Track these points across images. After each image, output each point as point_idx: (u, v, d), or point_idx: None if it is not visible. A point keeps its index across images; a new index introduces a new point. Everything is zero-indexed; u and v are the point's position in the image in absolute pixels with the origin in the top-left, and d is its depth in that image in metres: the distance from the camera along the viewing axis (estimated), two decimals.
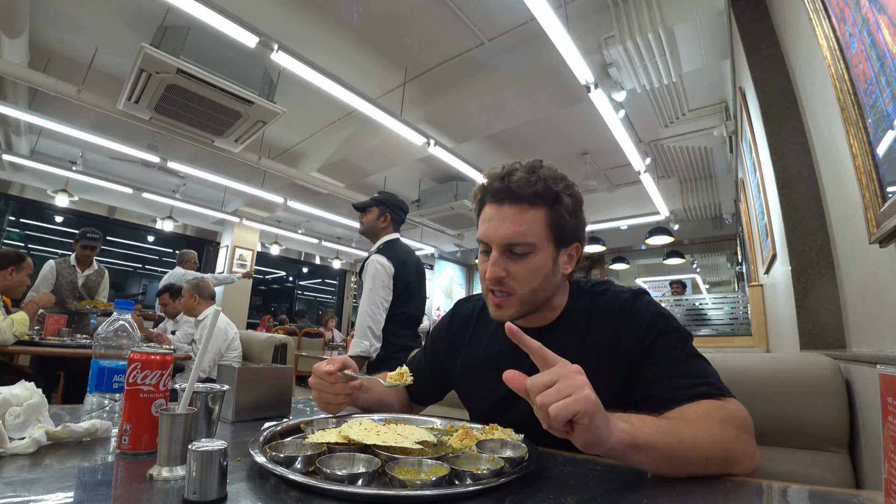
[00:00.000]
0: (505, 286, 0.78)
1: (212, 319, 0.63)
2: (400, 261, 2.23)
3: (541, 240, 0.77)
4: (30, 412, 0.64)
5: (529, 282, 0.77)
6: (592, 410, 0.49)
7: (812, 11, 1.16)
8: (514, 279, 0.77)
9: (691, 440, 0.57)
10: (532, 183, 0.76)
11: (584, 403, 0.49)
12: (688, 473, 0.58)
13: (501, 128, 4.17)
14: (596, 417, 0.49)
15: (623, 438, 0.52)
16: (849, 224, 1.16)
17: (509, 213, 0.77)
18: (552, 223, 0.77)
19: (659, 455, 0.55)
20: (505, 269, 0.77)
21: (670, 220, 5.92)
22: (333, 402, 0.81)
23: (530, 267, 0.77)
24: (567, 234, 0.79)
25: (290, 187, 5.70)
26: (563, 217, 0.77)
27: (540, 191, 0.76)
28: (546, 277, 0.78)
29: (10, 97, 3.81)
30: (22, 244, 6.12)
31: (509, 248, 0.77)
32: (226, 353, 2.90)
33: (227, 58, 3.06)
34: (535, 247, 0.77)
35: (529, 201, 0.76)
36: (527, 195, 0.76)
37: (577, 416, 0.49)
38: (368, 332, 2.10)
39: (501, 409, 0.86)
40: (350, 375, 0.81)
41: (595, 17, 3.00)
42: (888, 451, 0.33)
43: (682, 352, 0.73)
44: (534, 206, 0.76)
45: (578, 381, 0.51)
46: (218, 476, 0.44)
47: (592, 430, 0.50)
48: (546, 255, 0.78)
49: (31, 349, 2.52)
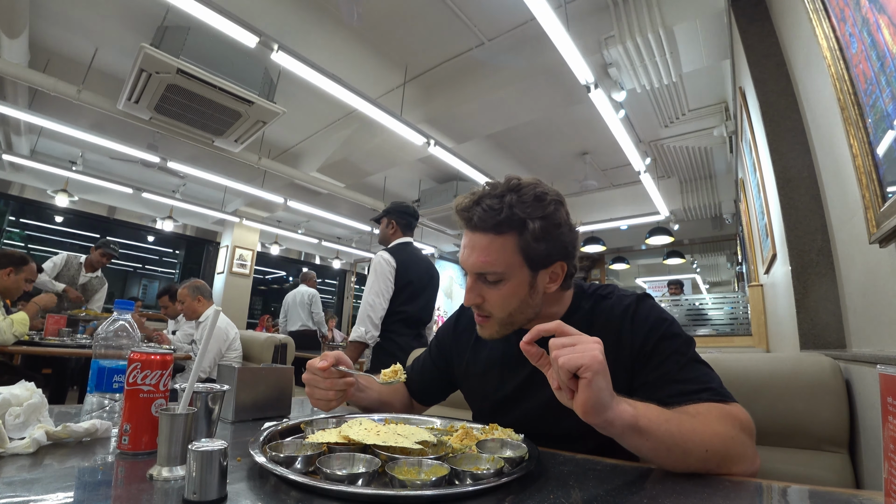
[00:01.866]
0: (482, 310, 0.79)
1: (212, 319, 0.62)
2: (404, 260, 2.31)
3: (511, 267, 0.75)
4: (30, 412, 0.64)
5: (505, 307, 0.78)
6: (597, 368, 0.53)
7: (812, 11, 1.16)
8: (490, 304, 0.78)
9: (691, 432, 0.58)
10: (497, 211, 0.74)
11: (590, 359, 0.53)
12: (687, 466, 0.58)
13: (501, 128, 4.17)
14: (599, 376, 0.53)
15: (625, 418, 0.55)
16: (849, 224, 1.16)
17: (478, 243, 0.76)
18: (522, 249, 0.75)
19: (658, 442, 0.56)
20: (480, 296, 0.78)
21: (670, 220, 5.92)
22: (325, 399, 0.80)
23: (503, 294, 0.77)
24: (539, 259, 0.76)
25: (290, 187, 5.70)
26: (530, 243, 0.74)
27: (503, 220, 0.73)
28: (522, 301, 0.78)
29: (10, 97, 3.81)
30: (22, 244, 6.12)
31: (482, 276, 0.77)
32: (226, 354, 2.90)
33: (227, 58, 3.06)
34: (506, 274, 0.75)
35: (495, 231, 0.74)
36: (491, 226, 0.74)
37: (581, 369, 0.53)
38: (367, 320, 2.20)
39: (504, 409, 0.86)
40: (343, 371, 0.80)
41: (595, 17, 3.00)
42: (888, 451, 0.33)
43: (684, 356, 0.73)
44: (501, 235, 0.74)
45: (592, 345, 0.55)
46: (218, 476, 0.44)
47: (594, 389, 0.53)
48: (519, 280, 0.76)
49: (31, 349, 2.52)
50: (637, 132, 4.61)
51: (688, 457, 0.58)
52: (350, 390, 0.83)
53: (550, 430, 0.77)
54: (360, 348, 2.24)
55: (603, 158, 5.33)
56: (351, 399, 0.88)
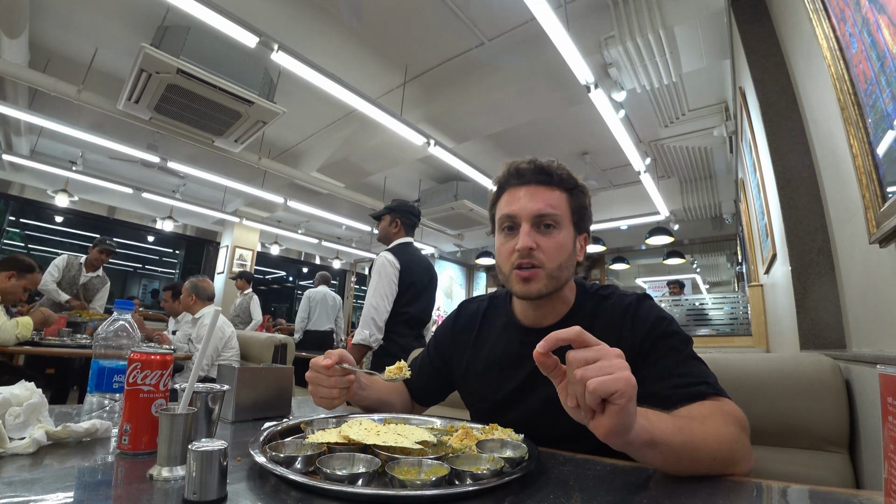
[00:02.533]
0: (534, 258, 0.80)
1: (211, 320, 0.62)
2: (407, 260, 2.31)
3: (565, 218, 0.83)
4: (30, 412, 0.64)
5: (556, 256, 0.80)
6: (631, 393, 0.48)
7: (812, 11, 1.16)
8: (544, 252, 0.80)
9: (702, 440, 0.57)
10: (556, 168, 0.84)
11: (625, 384, 0.47)
12: (693, 472, 0.58)
13: (501, 128, 4.17)
14: (632, 402, 0.48)
15: (642, 435, 0.51)
16: (849, 224, 1.16)
17: (538, 191, 0.83)
18: (573, 206, 0.84)
19: (671, 453, 0.55)
20: (535, 241, 0.80)
21: (670, 220, 5.92)
22: (328, 397, 0.79)
23: (558, 241, 0.81)
24: (584, 220, 0.86)
25: (290, 187, 5.70)
26: (582, 202, 0.85)
27: (564, 176, 0.84)
28: (569, 256, 0.83)
29: (10, 97, 3.82)
30: (22, 244, 6.12)
31: (540, 222, 0.81)
32: (223, 352, 2.90)
33: (227, 58, 3.06)
34: (561, 223, 0.82)
35: (556, 183, 0.83)
36: (554, 176, 0.83)
37: (615, 395, 0.47)
38: (371, 323, 2.18)
39: (503, 410, 0.86)
40: (346, 369, 0.80)
41: (595, 17, 3.00)
42: (888, 451, 0.33)
43: (682, 353, 0.74)
44: (559, 188, 0.83)
45: (620, 362, 0.50)
46: (218, 476, 0.44)
47: (624, 415, 0.48)
48: (568, 234, 0.83)
49: (30, 349, 2.53)
50: (637, 132, 4.61)
51: (695, 464, 0.58)
52: (353, 388, 0.83)
53: (550, 430, 0.77)
54: (364, 351, 2.21)
55: (603, 158, 5.33)
56: (353, 398, 0.88)
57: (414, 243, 2.47)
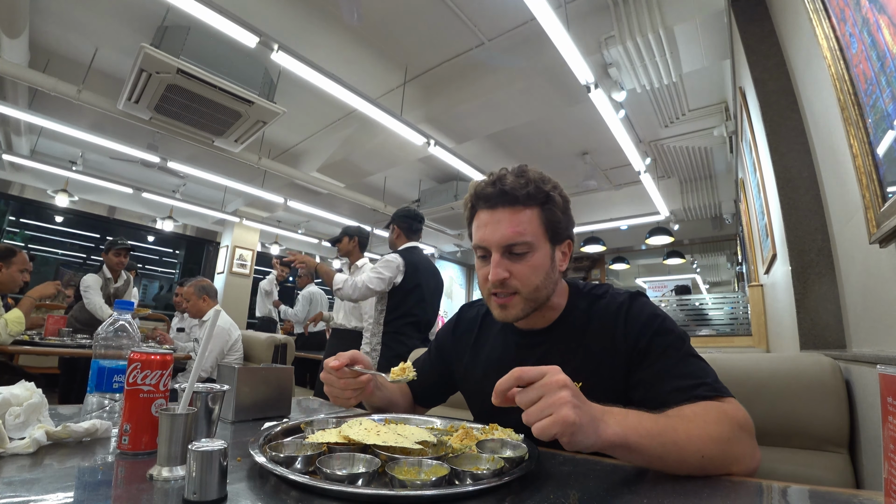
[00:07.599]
0: (508, 287, 0.79)
1: (212, 320, 0.63)
2: (412, 262, 2.35)
3: (537, 238, 0.79)
4: (30, 412, 0.64)
5: (532, 280, 0.79)
6: (571, 430, 0.51)
7: (812, 11, 1.16)
8: (517, 279, 0.78)
9: (686, 440, 0.58)
10: (523, 185, 0.79)
11: (562, 426, 0.50)
12: (685, 471, 0.58)
13: (501, 128, 4.17)
14: (576, 435, 0.51)
15: (612, 440, 0.54)
16: (849, 224, 1.16)
17: (504, 216, 0.79)
18: (546, 221, 0.80)
19: (651, 455, 0.57)
20: (507, 270, 0.78)
21: (670, 220, 5.91)
22: (342, 397, 0.81)
23: (531, 265, 0.79)
24: (560, 232, 0.82)
25: (290, 187, 5.70)
26: (555, 215, 0.81)
27: (532, 192, 0.79)
28: (547, 274, 0.80)
29: (10, 97, 3.81)
30: (22, 244, 6.12)
31: (509, 250, 0.78)
32: (228, 355, 2.90)
33: (227, 58, 3.06)
34: (534, 245, 0.79)
35: (523, 202, 0.79)
36: (520, 196, 0.78)
37: (556, 435, 0.51)
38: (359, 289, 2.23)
39: (503, 410, 0.86)
40: (358, 371, 0.81)
41: (595, 17, 3.00)
42: (888, 451, 0.33)
43: (679, 352, 0.74)
44: (527, 207, 0.79)
45: (560, 397, 0.52)
46: (218, 476, 0.44)
47: (575, 444, 0.52)
48: (544, 252, 0.80)
49: (30, 349, 2.50)
50: (637, 132, 4.60)
51: (684, 463, 0.58)
52: (369, 387, 0.84)
53: None
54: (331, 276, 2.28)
55: (603, 158, 5.32)
56: (369, 398, 0.88)
57: (420, 248, 2.51)
